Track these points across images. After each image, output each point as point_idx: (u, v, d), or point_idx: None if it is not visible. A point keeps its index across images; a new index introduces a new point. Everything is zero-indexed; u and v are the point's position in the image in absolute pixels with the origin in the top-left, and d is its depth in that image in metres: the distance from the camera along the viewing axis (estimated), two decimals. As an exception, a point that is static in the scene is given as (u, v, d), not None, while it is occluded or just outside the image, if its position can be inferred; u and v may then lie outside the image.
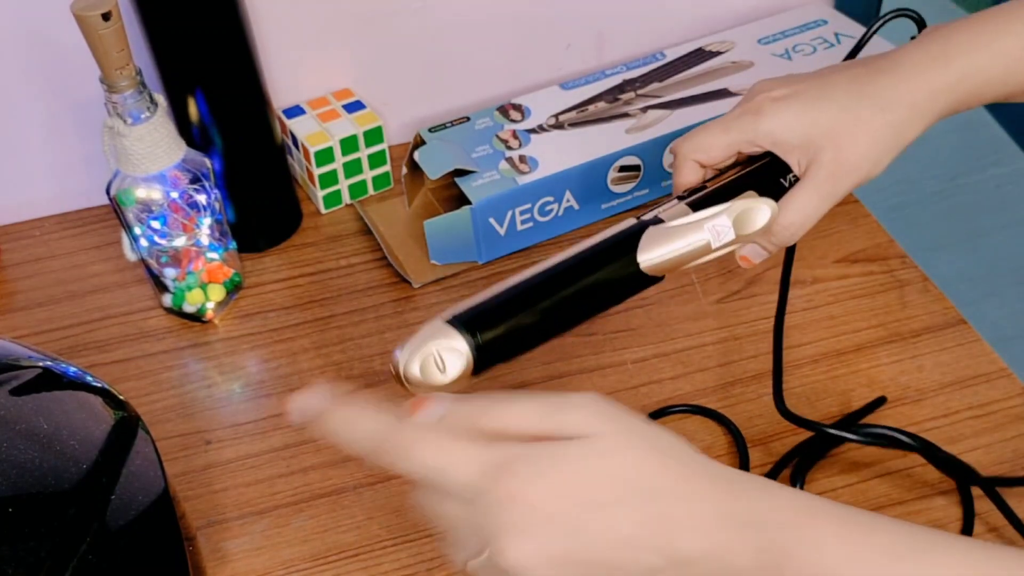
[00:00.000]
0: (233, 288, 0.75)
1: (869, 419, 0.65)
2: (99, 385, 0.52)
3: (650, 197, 0.81)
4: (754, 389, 0.67)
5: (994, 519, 0.59)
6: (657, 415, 0.66)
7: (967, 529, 0.59)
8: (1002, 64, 0.56)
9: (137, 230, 0.70)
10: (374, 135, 0.81)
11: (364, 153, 0.81)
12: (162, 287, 0.74)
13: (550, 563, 0.39)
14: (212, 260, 0.73)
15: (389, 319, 0.73)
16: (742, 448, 0.63)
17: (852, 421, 0.64)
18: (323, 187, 0.81)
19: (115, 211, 0.70)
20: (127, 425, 0.51)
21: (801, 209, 0.55)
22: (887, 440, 0.60)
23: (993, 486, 0.59)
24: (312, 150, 0.79)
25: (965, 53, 0.56)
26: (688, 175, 0.58)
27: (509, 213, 0.75)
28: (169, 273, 0.73)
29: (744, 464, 0.62)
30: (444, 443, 0.41)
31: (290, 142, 0.82)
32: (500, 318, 0.49)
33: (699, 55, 0.86)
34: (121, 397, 0.52)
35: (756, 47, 0.86)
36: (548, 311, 0.51)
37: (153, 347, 0.73)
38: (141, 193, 0.68)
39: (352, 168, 0.81)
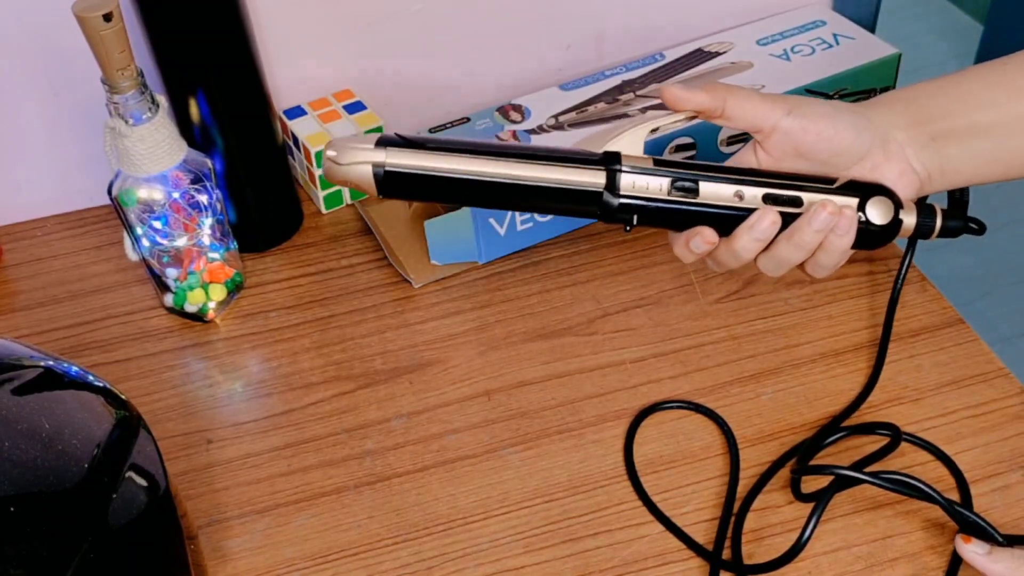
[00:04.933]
0: (234, 288, 0.76)
1: (877, 419, 0.65)
2: (100, 385, 0.52)
3: (649, 197, 0.81)
4: (752, 389, 0.67)
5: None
6: (651, 410, 0.66)
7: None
8: (960, 92, 0.58)
9: (139, 230, 0.70)
10: (374, 135, 0.81)
11: (364, 153, 0.81)
12: (164, 287, 0.74)
13: None
14: (213, 260, 0.74)
15: (390, 319, 0.74)
16: (733, 448, 0.63)
17: (847, 421, 0.65)
18: (324, 187, 0.81)
19: (117, 211, 0.70)
20: (128, 424, 0.51)
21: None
22: (909, 488, 0.58)
23: (1012, 545, 0.57)
24: (313, 150, 0.79)
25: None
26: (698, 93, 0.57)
27: (509, 213, 0.75)
28: (171, 273, 0.73)
29: (735, 464, 0.63)
30: None
31: (291, 143, 0.82)
32: (421, 158, 0.53)
33: (698, 56, 0.87)
34: (123, 396, 0.53)
35: (755, 48, 0.87)
36: (467, 175, 0.53)
37: (155, 347, 0.73)
38: (143, 193, 0.68)
39: (352, 168, 0.82)
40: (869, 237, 0.57)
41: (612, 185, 0.54)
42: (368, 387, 0.69)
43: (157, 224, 0.70)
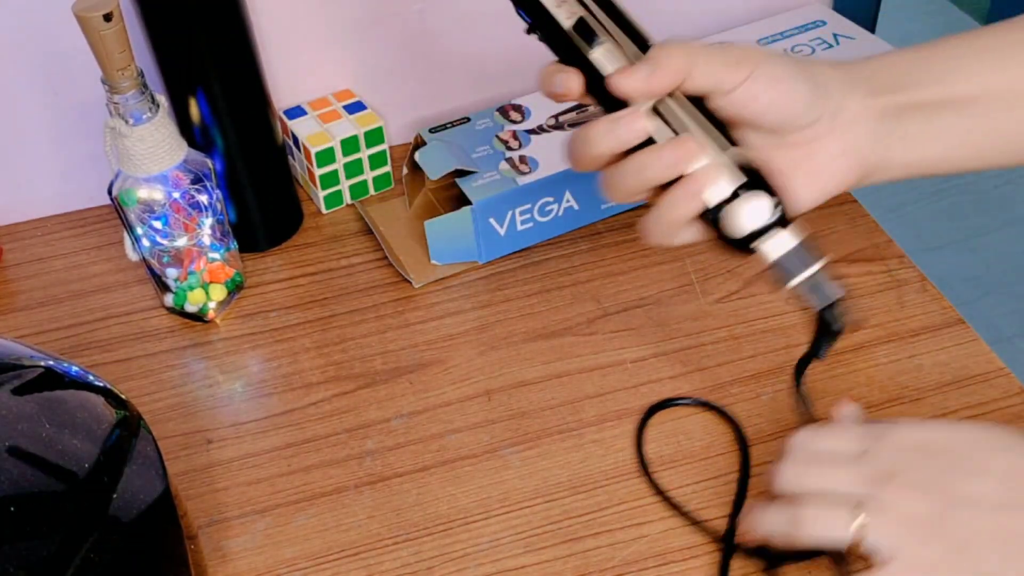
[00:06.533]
0: (234, 288, 0.76)
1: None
2: (101, 384, 0.52)
3: (649, 197, 0.81)
4: (752, 388, 0.67)
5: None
6: (660, 406, 0.66)
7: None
8: (908, 61, 0.54)
9: (139, 230, 0.70)
10: (375, 136, 0.81)
11: (365, 154, 0.81)
12: (164, 287, 0.74)
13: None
14: (214, 260, 0.74)
15: (390, 319, 0.74)
16: (743, 446, 0.63)
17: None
18: (324, 187, 0.82)
19: (117, 211, 0.70)
20: (129, 424, 0.51)
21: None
22: None
23: None
24: (313, 151, 0.79)
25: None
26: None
27: (509, 213, 0.75)
28: (171, 273, 0.73)
29: (745, 461, 0.63)
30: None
31: (291, 143, 0.82)
32: None
33: (698, 56, 0.87)
34: (123, 396, 0.53)
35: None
36: None
37: (155, 347, 0.73)
38: (143, 193, 0.68)
39: (353, 168, 0.82)
40: (718, 230, 0.49)
41: None
42: (368, 387, 0.69)
43: (157, 224, 0.70)
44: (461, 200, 0.75)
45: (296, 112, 0.82)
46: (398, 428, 0.67)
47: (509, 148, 0.78)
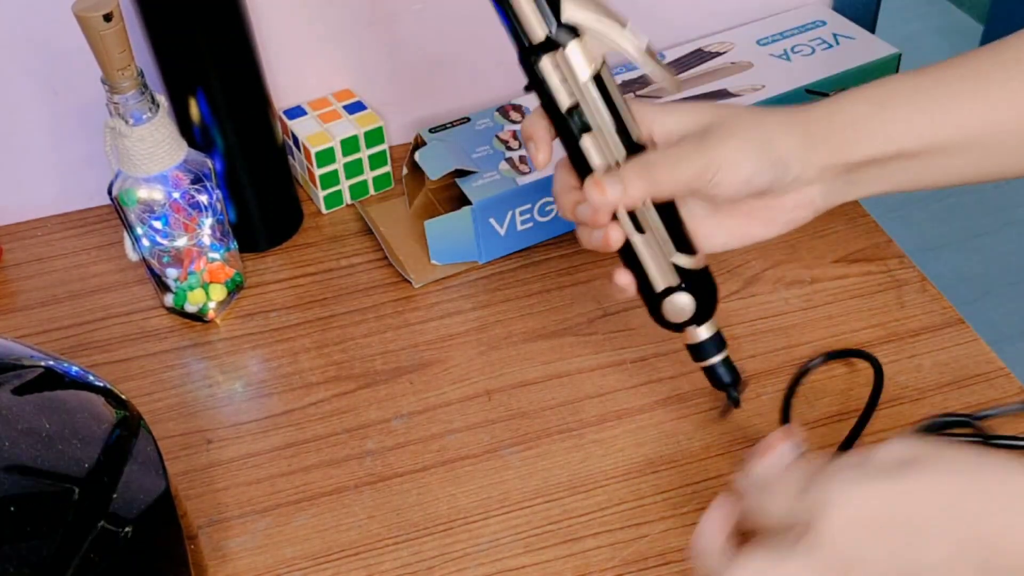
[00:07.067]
0: (234, 288, 0.76)
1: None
2: (101, 384, 0.53)
3: (649, 197, 0.81)
4: (752, 388, 0.67)
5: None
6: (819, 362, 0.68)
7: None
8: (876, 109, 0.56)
9: (139, 230, 0.70)
10: (375, 136, 0.81)
11: (365, 154, 0.82)
12: (164, 287, 0.74)
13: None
14: (214, 260, 0.74)
15: (390, 319, 0.74)
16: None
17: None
18: (324, 187, 0.82)
19: (117, 211, 0.70)
20: (129, 424, 0.51)
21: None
22: None
23: None
24: (313, 151, 0.79)
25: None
26: None
27: (509, 213, 0.75)
28: (171, 273, 0.73)
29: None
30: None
31: (291, 143, 0.82)
32: None
33: (698, 56, 0.87)
34: (123, 396, 0.53)
35: (755, 48, 0.87)
36: None
37: (155, 347, 0.73)
38: (143, 193, 0.69)
39: (353, 168, 0.82)
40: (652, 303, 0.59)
41: (542, 48, 0.56)
42: (368, 387, 0.69)
43: (157, 224, 0.70)
44: (461, 200, 0.75)
45: (296, 112, 0.82)
46: (398, 428, 0.67)
47: (509, 148, 0.78)
